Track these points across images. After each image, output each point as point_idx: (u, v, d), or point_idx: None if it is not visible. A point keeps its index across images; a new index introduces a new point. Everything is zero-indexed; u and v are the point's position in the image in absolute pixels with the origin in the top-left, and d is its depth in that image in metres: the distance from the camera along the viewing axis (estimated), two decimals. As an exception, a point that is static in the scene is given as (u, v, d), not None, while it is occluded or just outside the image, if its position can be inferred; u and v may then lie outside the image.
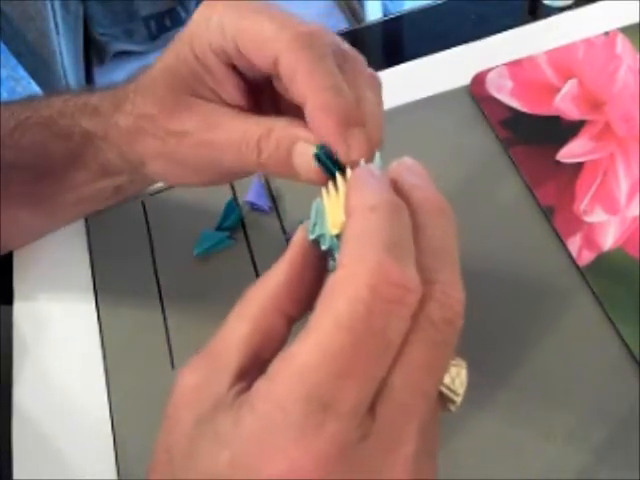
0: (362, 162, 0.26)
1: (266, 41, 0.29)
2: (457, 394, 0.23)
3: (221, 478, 0.20)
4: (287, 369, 0.20)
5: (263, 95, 0.34)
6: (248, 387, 0.22)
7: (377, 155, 0.27)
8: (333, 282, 0.21)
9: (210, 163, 0.33)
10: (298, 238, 0.25)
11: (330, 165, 0.27)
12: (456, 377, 0.23)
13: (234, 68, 0.32)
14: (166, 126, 0.33)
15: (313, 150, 0.27)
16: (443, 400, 0.23)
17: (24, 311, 0.44)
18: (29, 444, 0.39)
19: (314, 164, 0.28)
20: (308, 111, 0.28)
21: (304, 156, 0.28)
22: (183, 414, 0.23)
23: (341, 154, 0.27)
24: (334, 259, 0.24)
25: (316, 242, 0.25)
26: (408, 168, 0.25)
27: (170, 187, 0.48)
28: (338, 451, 0.20)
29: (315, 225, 0.24)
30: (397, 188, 0.24)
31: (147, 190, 0.48)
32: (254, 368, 0.23)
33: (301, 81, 0.28)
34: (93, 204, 0.43)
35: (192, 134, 0.32)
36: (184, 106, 0.32)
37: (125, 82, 0.36)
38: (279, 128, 0.29)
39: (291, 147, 0.29)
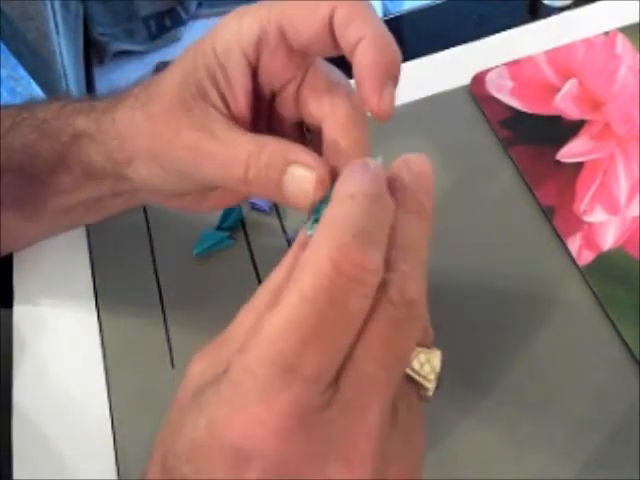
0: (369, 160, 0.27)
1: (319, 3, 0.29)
2: (428, 380, 0.24)
3: (198, 442, 0.21)
4: (258, 338, 0.22)
5: (262, 118, 0.34)
6: None
7: (379, 158, 0.27)
8: (302, 259, 0.22)
9: (194, 171, 0.32)
10: (299, 239, 0.26)
11: None
12: (425, 363, 0.24)
13: (253, 74, 0.32)
14: (163, 124, 0.33)
15: (309, 175, 0.29)
16: (416, 386, 0.24)
17: (24, 311, 0.44)
18: (29, 444, 0.39)
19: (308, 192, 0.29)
20: (365, 46, 0.28)
21: (297, 180, 0.29)
22: (181, 396, 0.24)
23: (373, 101, 0.29)
24: None
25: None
26: (409, 165, 0.26)
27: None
28: (300, 413, 0.21)
29: (313, 223, 0.25)
30: (391, 184, 0.25)
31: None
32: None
33: (361, 22, 0.29)
34: (77, 214, 0.41)
35: (185, 137, 0.32)
36: (185, 107, 0.32)
37: (133, 84, 0.36)
38: (274, 146, 0.30)
39: (285, 168, 0.29)
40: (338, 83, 0.32)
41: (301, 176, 0.29)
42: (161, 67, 0.38)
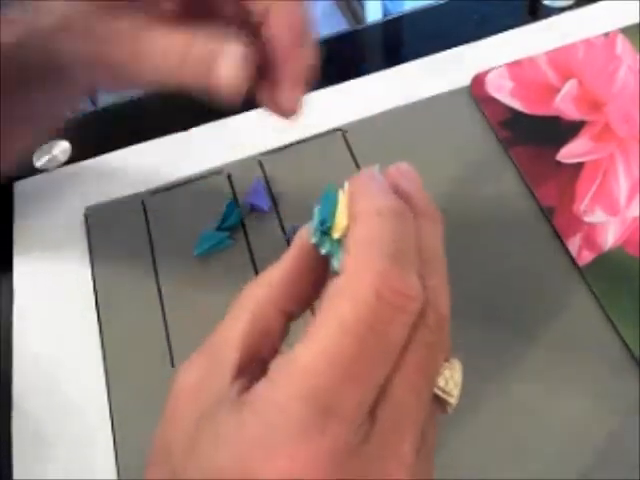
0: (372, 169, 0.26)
1: None
2: (451, 395, 0.23)
3: (222, 474, 0.20)
4: (290, 371, 0.20)
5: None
6: (249, 384, 0.22)
7: (377, 166, 0.27)
8: (338, 286, 0.21)
9: (134, 71, 0.32)
10: (300, 238, 0.25)
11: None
12: (450, 379, 0.23)
13: None
14: (95, 28, 0.32)
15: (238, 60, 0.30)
16: (439, 402, 0.24)
17: (24, 311, 0.44)
18: (29, 444, 0.39)
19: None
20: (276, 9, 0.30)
21: (228, 66, 0.29)
22: (184, 410, 0.23)
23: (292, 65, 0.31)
24: (336, 261, 0.24)
25: (316, 246, 0.25)
26: (403, 174, 0.25)
27: (170, 187, 0.48)
28: (339, 455, 0.20)
29: (316, 230, 0.24)
30: (396, 194, 0.24)
31: (147, 189, 0.48)
32: (252, 365, 0.23)
33: None
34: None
35: (120, 41, 0.31)
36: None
37: None
38: (205, 36, 0.30)
39: (215, 57, 0.30)
40: None
41: (232, 60, 0.29)
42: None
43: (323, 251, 0.24)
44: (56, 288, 0.45)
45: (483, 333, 0.40)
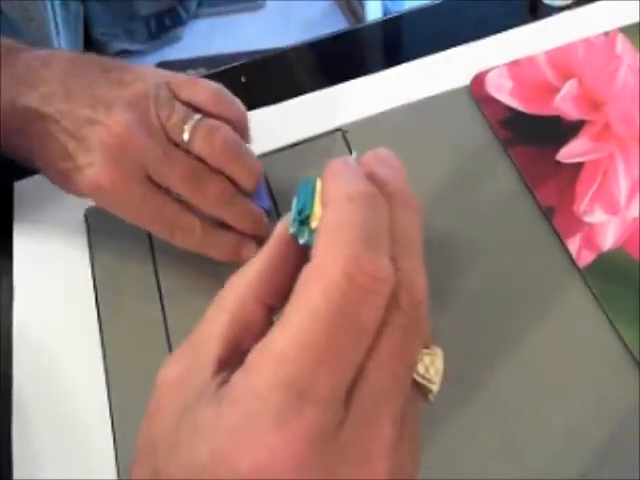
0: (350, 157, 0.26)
1: None
2: (432, 382, 0.23)
3: (202, 470, 0.20)
4: (264, 359, 0.21)
5: None
6: (229, 378, 0.22)
7: (355, 154, 0.27)
8: (308, 271, 0.21)
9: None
10: (278, 231, 0.25)
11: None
12: (430, 365, 0.23)
13: None
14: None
15: None
16: (420, 390, 0.24)
17: (24, 310, 0.44)
18: (29, 444, 0.39)
19: None
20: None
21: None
22: (166, 405, 0.23)
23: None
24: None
25: (295, 236, 0.25)
26: (381, 160, 0.25)
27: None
28: (316, 439, 0.20)
29: (294, 220, 0.25)
30: (370, 180, 0.24)
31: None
32: (234, 358, 0.23)
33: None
34: None
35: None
36: None
37: None
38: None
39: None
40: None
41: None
42: (162, 68, 0.38)
43: (301, 241, 0.24)
44: (56, 288, 0.45)
45: (482, 333, 0.40)
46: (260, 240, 0.42)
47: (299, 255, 0.25)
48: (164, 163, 0.39)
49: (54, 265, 0.46)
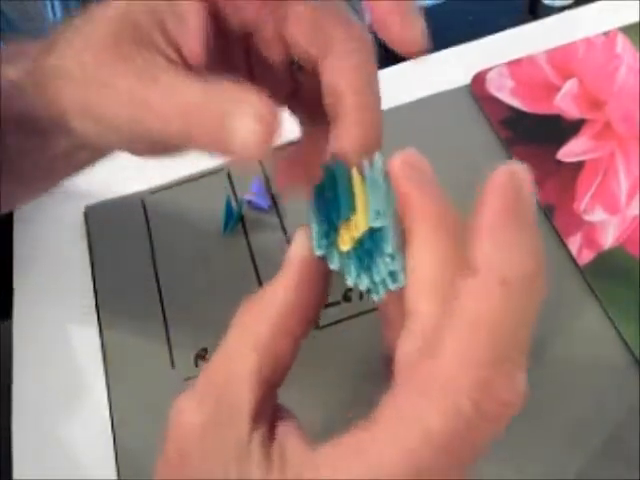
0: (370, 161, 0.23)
1: None
2: None
3: None
4: (356, 462, 0.18)
5: (235, 58, 0.28)
6: (269, 432, 0.20)
7: (377, 155, 0.25)
8: (425, 378, 0.18)
9: (132, 125, 0.26)
10: (303, 249, 0.22)
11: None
12: None
13: (214, 10, 0.26)
14: (94, 74, 0.27)
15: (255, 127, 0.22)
16: None
17: (24, 312, 0.44)
18: (29, 444, 0.39)
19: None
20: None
21: (243, 133, 0.23)
22: (194, 456, 0.21)
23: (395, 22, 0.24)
24: (349, 275, 0.22)
25: (324, 259, 0.22)
26: (412, 165, 0.23)
27: (170, 186, 0.48)
28: None
29: (321, 239, 0.22)
30: (407, 202, 0.21)
31: (147, 188, 0.48)
32: (267, 400, 0.21)
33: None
34: (35, 176, 0.36)
35: (121, 86, 0.26)
36: (123, 57, 0.26)
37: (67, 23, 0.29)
38: (222, 94, 0.24)
39: (229, 122, 0.23)
40: (333, 12, 0.26)
41: (247, 127, 0.22)
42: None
43: (332, 266, 0.22)
44: (56, 288, 0.45)
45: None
46: None
47: (325, 276, 0.22)
48: None
49: (54, 265, 0.46)
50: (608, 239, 0.42)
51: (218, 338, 0.23)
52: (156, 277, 0.44)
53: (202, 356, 0.40)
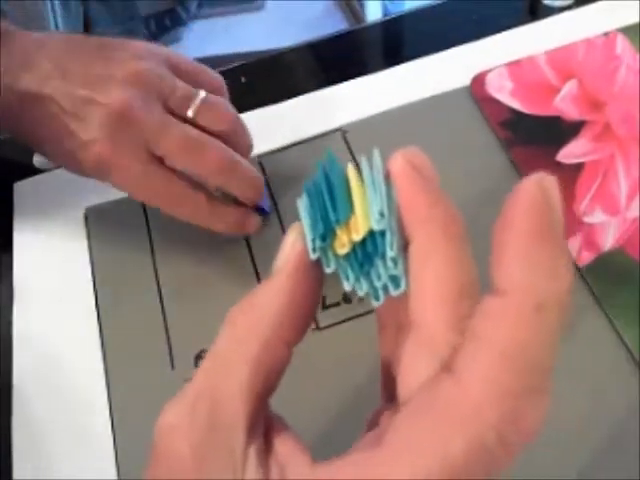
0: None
1: None
2: None
3: None
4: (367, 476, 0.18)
5: None
6: (265, 445, 0.20)
7: (376, 153, 0.23)
8: (447, 403, 0.17)
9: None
10: (295, 252, 0.21)
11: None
12: None
13: None
14: None
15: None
16: None
17: (24, 311, 0.44)
18: (29, 444, 0.39)
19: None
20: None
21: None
22: (182, 470, 0.20)
23: None
24: (346, 280, 0.21)
25: (320, 262, 0.21)
26: (415, 167, 0.22)
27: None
28: None
29: (316, 242, 0.20)
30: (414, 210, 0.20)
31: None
32: (260, 413, 0.21)
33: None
34: None
35: None
36: None
37: None
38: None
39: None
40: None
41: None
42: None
43: (328, 270, 0.20)
44: (56, 288, 0.45)
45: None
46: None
47: (319, 279, 0.22)
48: (162, 134, 0.38)
49: (54, 265, 0.46)
50: (608, 241, 0.42)
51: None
52: (156, 277, 0.44)
53: (202, 357, 0.40)
